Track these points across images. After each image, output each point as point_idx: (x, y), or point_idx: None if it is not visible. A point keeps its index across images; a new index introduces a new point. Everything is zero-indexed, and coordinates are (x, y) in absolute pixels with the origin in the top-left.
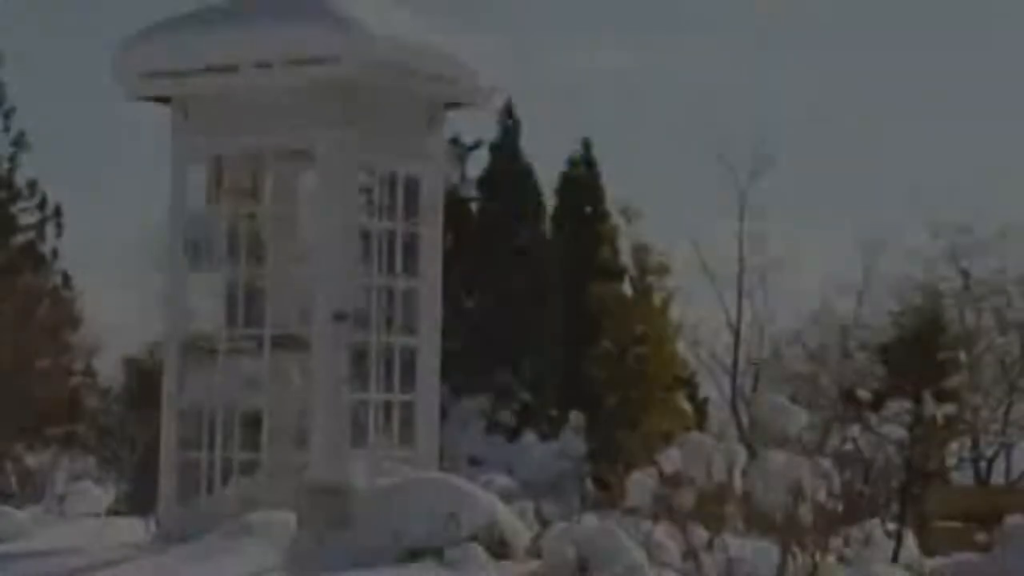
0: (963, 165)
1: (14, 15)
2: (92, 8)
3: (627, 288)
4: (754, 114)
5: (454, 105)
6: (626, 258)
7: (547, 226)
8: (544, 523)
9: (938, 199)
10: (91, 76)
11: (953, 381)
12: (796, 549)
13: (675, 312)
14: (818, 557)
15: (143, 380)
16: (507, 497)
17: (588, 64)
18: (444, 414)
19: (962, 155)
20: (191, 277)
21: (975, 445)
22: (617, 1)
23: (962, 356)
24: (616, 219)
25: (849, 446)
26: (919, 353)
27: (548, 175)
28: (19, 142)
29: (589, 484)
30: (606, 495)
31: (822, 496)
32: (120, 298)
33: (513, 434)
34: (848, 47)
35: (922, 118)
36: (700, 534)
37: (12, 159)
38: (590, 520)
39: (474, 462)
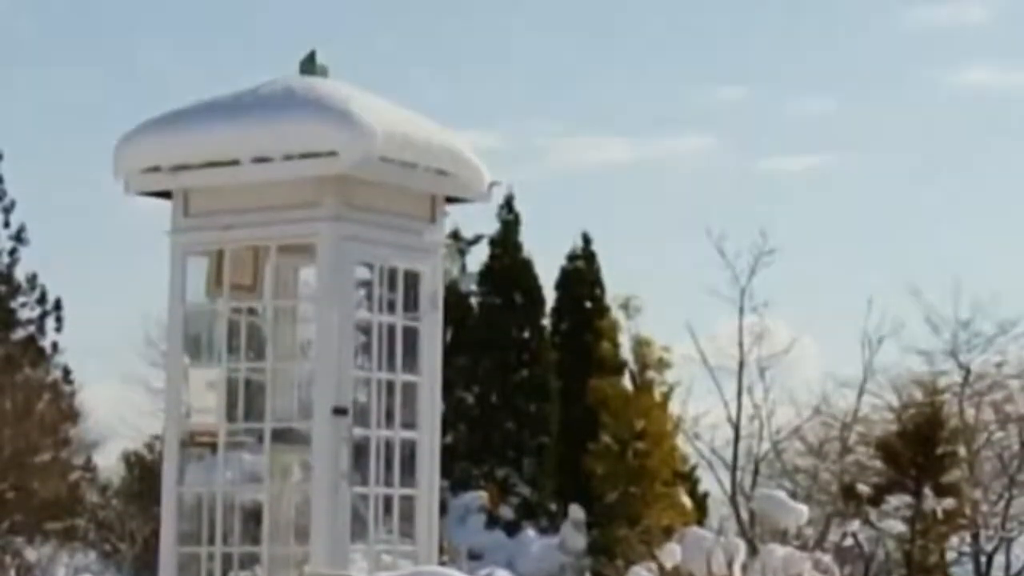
0: (963, 260)
1: (13, 109)
2: (91, 99)
3: (627, 383)
4: (755, 209)
5: (455, 199)
6: (626, 352)
7: (547, 320)
8: None
9: (938, 294)
10: (91, 170)
11: (953, 475)
12: None
13: (675, 406)
14: None
15: (143, 474)
16: None
17: (587, 158)
18: (444, 508)
19: (962, 249)
20: (191, 371)
21: (975, 539)
22: (616, 97)
23: (961, 450)
24: (616, 313)
25: (849, 541)
26: (919, 448)
27: (548, 269)
28: (19, 237)
29: None
30: None
31: None
32: (120, 392)
33: (513, 528)
34: (848, 144)
35: (922, 213)
36: None
37: (12, 253)
38: None
39: (474, 556)
